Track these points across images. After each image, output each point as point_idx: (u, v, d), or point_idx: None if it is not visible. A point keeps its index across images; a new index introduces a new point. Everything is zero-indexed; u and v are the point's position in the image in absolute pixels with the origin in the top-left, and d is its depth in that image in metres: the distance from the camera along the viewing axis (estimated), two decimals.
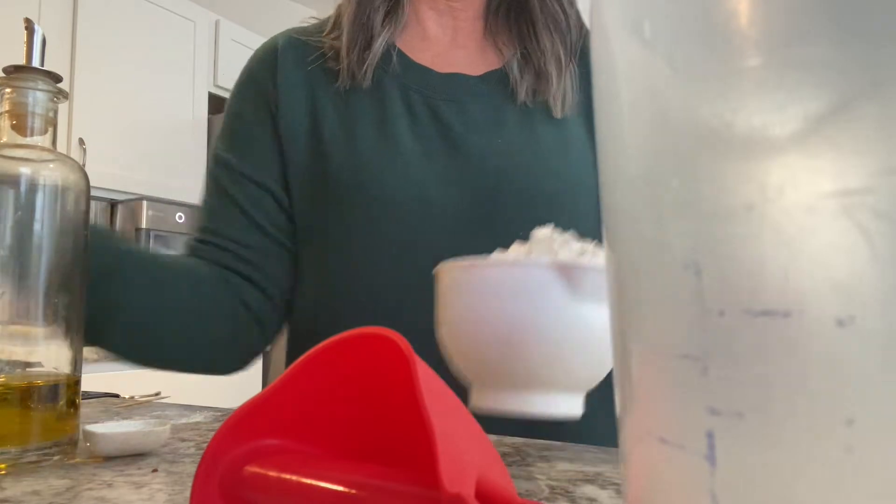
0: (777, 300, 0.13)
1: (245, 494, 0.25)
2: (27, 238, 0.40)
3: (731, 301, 0.13)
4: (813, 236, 0.12)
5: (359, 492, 0.22)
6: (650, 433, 0.15)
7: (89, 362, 1.86)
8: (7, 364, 0.39)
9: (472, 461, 0.20)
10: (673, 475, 0.15)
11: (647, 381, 0.16)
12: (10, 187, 0.40)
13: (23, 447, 0.38)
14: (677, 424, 0.14)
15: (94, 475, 0.37)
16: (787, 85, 0.13)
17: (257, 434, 0.26)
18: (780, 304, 0.13)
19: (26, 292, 0.40)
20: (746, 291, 0.13)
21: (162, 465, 0.39)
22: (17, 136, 0.42)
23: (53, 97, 0.43)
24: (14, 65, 0.42)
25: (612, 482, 0.36)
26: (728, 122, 0.13)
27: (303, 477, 0.24)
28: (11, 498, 0.33)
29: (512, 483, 0.23)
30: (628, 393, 0.17)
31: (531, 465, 0.40)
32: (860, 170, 0.12)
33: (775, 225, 0.13)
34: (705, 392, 0.14)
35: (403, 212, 0.61)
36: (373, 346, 0.23)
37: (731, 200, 0.13)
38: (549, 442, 0.48)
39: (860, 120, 0.12)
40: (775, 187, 0.13)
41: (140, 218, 2.36)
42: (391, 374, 0.23)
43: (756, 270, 0.13)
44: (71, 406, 0.42)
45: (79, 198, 0.43)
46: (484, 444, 0.23)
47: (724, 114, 0.13)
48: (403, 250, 0.60)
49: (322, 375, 0.25)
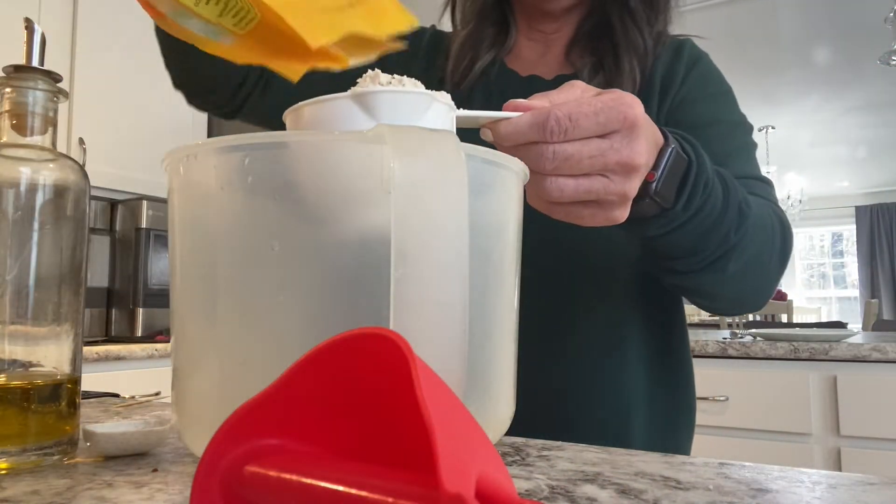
0: None
1: (245, 494, 0.25)
2: (27, 238, 0.40)
3: None
4: None
5: (359, 492, 0.22)
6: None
7: (89, 362, 1.86)
8: (7, 364, 0.39)
9: (472, 461, 0.20)
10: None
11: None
12: (10, 187, 0.40)
13: (23, 447, 0.38)
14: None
15: (94, 475, 0.37)
16: None
17: (257, 434, 0.26)
18: None
19: (26, 292, 0.40)
20: None
21: (162, 465, 0.39)
22: (17, 136, 0.42)
23: (53, 97, 0.43)
24: (14, 64, 0.42)
25: (612, 482, 0.36)
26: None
27: (303, 477, 0.24)
28: (11, 498, 0.33)
29: (512, 483, 0.22)
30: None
31: (531, 465, 0.40)
32: None
33: None
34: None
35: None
36: (373, 346, 0.23)
37: None
38: (549, 442, 0.48)
39: None
40: None
41: (140, 218, 2.35)
42: (391, 374, 0.23)
43: None
44: (71, 406, 0.42)
45: (79, 198, 0.43)
46: (484, 444, 0.23)
47: None
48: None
49: (322, 375, 0.25)
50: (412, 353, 0.22)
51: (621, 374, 0.67)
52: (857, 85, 4.72)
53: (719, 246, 0.53)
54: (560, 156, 0.41)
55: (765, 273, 0.60)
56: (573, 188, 0.42)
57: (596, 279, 0.68)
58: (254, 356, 0.35)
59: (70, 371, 0.42)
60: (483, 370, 0.39)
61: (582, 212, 0.44)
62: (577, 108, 0.40)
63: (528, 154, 0.41)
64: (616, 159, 0.41)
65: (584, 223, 0.44)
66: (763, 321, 3.68)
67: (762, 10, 3.54)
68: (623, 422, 0.66)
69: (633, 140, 0.42)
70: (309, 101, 0.41)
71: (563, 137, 0.40)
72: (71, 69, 2.31)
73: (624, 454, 0.43)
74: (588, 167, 0.41)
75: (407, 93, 0.39)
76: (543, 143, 0.41)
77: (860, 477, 0.37)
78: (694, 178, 0.48)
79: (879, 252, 7.70)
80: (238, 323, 0.36)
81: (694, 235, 0.51)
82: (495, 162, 0.39)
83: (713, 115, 0.69)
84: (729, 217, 0.52)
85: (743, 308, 0.65)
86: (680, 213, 0.48)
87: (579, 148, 0.41)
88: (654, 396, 0.68)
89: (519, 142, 0.42)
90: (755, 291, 0.62)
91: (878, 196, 7.80)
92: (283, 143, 0.35)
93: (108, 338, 2.35)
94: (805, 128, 5.74)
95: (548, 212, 0.44)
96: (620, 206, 0.44)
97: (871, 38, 3.77)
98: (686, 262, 0.54)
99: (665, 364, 0.70)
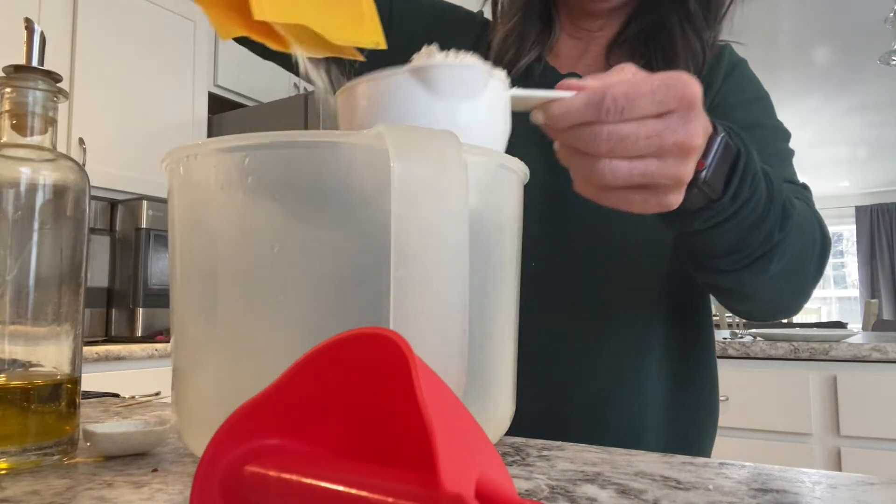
0: None
1: (245, 494, 0.25)
2: (27, 238, 0.40)
3: None
4: None
5: (359, 492, 0.22)
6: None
7: (89, 362, 1.86)
8: (7, 364, 0.39)
9: (472, 461, 0.20)
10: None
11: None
12: (10, 187, 0.40)
13: (23, 447, 0.38)
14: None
15: (94, 475, 0.37)
16: None
17: (257, 434, 0.26)
18: None
19: (26, 292, 0.40)
20: None
21: (162, 465, 0.39)
22: (17, 136, 0.42)
23: (53, 97, 0.43)
24: (14, 65, 0.42)
25: (612, 482, 0.36)
26: None
27: (303, 477, 0.24)
28: (11, 498, 0.33)
29: (512, 483, 0.22)
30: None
31: (531, 465, 0.40)
32: None
33: None
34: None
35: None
36: (373, 346, 0.23)
37: None
38: (549, 442, 0.48)
39: None
40: None
41: (140, 218, 2.35)
42: (391, 374, 0.23)
43: None
44: (71, 406, 0.42)
45: (79, 198, 0.43)
46: (484, 444, 0.23)
47: None
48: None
49: (322, 375, 0.25)
50: (412, 353, 0.22)
51: (643, 380, 0.66)
52: (857, 85, 4.72)
53: (762, 244, 0.51)
54: (615, 136, 0.39)
55: (804, 277, 0.58)
56: (627, 171, 0.40)
57: (624, 282, 0.67)
58: (253, 356, 0.35)
59: (70, 371, 0.42)
60: (483, 370, 0.39)
61: (633, 197, 0.42)
62: (634, 87, 0.39)
63: (581, 135, 0.40)
64: (673, 140, 0.40)
65: (636, 210, 0.43)
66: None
67: (762, 10, 3.54)
68: (639, 431, 0.66)
69: (689, 121, 0.40)
70: (363, 79, 0.39)
71: (620, 117, 0.39)
72: (71, 69, 2.31)
73: (624, 454, 0.43)
74: (643, 148, 0.40)
75: (468, 67, 0.38)
76: (598, 124, 0.39)
77: (860, 477, 0.37)
78: (742, 168, 0.47)
79: (879, 252, 7.70)
80: (238, 323, 0.36)
81: (738, 231, 0.50)
82: (495, 162, 0.39)
83: (752, 119, 0.68)
84: (773, 214, 0.51)
85: (776, 313, 0.64)
86: (727, 205, 0.47)
87: (635, 128, 0.39)
88: (676, 402, 0.68)
89: (573, 122, 0.40)
90: (793, 295, 0.60)
91: (878, 196, 7.81)
92: (282, 143, 0.35)
93: (108, 338, 2.35)
94: (805, 128, 5.73)
95: (597, 198, 0.43)
96: (674, 191, 0.42)
97: (871, 38, 3.77)
98: (728, 260, 0.53)
99: (688, 372, 0.69)
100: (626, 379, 0.66)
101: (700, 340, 0.71)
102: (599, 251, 0.66)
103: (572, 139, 0.40)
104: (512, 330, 0.43)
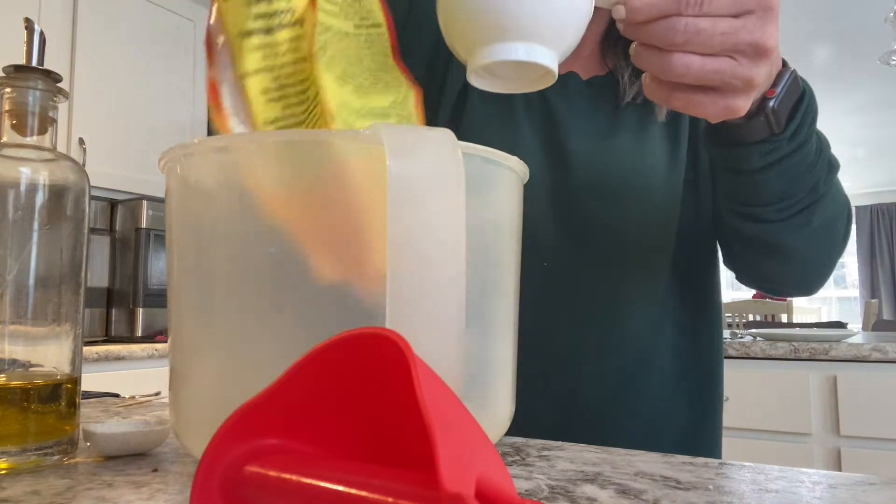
0: None
1: (245, 494, 0.25)
2: (27, 238, 0.40)
3: None
4: None
5: (359, 492, 0.22)
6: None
7: (89, 362, 1.86)
8: (7, 364, 0.39)
9: (472, 461, 0.20)
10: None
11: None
12: (10, 187, 0.40)
13: (23, 447, 0.38)
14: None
15: (94, 475, 0.37)
16: None
17: (257, 434, 0.26)
18: None
19: (26, 292, 0.40)
20: None
21: (162, 465, 0.39)
22: (17, 136, 0.42)
23: (53, 97, 0.43)
24: (14, 65, 0.42)
25: (612, 482, 0.36)
26: None
27: (303, 477, 0.24)
28: (11, 498, 0.33)
29: (512, 483, 0.22)
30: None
31: (531, 465, 0.40)
32: None
33: None
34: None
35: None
36: (373, 346, 0.23)
37: None
38: (549, 442, 0.48)
39: None
40: None
41: (140, 218, 2.35)
42: (391, 374, 0.23)
43: None
44: (71, 406, 0.42)
45: (79, 198, 0.43)
46: (484, 443, 0.23)
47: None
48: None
49: (322, 375, 0.25)
50: (412, 353, 0.22)
51: (650, 375, 0.66)
52: (857, 85, 4.72)
53: (809, 194, 0.53)
54: (692, 29, 0.40)
55: (835, 240, 0.59)
56: (699, 65, 0.41)
57: (635, 275, 0.67)
58: (250, 357, 0.35)
59: (70, 371, 0.42)
60: (482, 370, 0.39)
61: (703, 98, 0.43)
62: None
63: (658, 29, 0.40)
64: (749, 39, 0.40)
65: (704, 112, 0.43)
66: (763, 321, 3.68)
67: None
68: (648, 430, 0.66)
69: (766, 22, 0.41)
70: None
71: (699, 11, 0.40)
72: (71, 69, 2.31)
73: (624, 454, 0.43)
74: (719, 44, 0.40)
75: None
76: (676, 16, 0.40)
77: (860, 477, 0.37)
78: (805, 107, 0.48)
79: (879, 252, 7.70)
80: (234, 323, 0.36)
81: (791, 174, 0.51)
82: (494, 161, 0.39)
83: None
84: (821, 165, 0.52)
85: (805, 281, 0.64)
86: (785, 143, 0.49)
87: (712, 24, 0.40)
88: (683, 403, 0.68)
89: (653, 15, 0.41)
90: (824, 261, 0.61)
91: (878, 196, 7.80)
92: (279, 143, 0.35)
93: (108, 338, 2.35)
94: None
95: (666, 101, 0.43)
96: (744, 94, 0.43)
97: (871, 38, 3.77)
98: (775, 209, 0.54)
99: (695, 369, 0.69)
100: (639, 370, 0.66)
101: (708, 337, 0.72)
102: (610, 247, 0.66)
103: (649, 34, 0.41)
104: (512, 330, 0.43)
